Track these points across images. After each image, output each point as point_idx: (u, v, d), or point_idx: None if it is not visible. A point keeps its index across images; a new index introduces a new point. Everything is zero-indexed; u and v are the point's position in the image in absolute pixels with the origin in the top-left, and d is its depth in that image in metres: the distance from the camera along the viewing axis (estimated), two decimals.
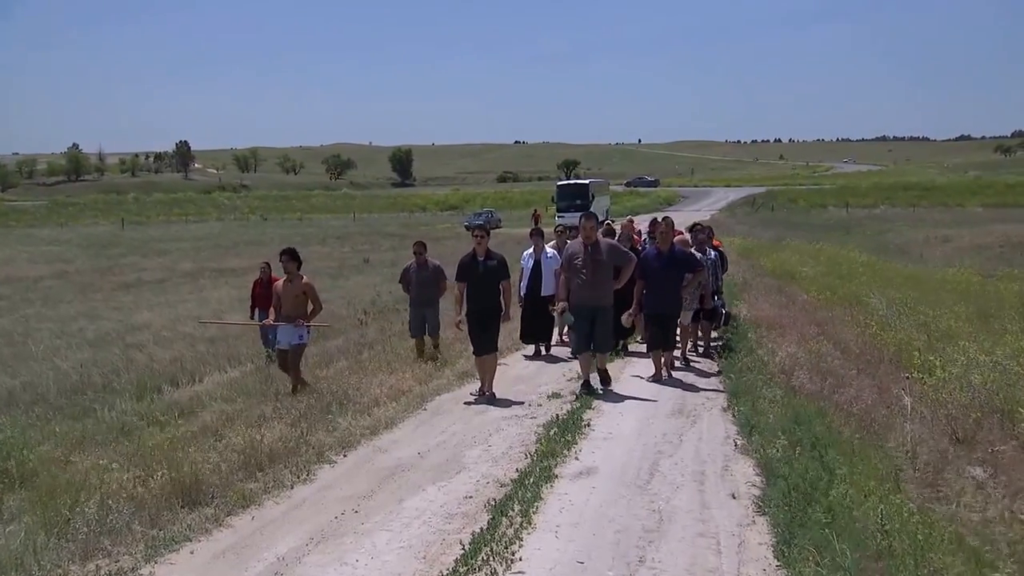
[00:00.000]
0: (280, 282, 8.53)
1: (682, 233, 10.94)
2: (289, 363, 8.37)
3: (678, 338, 9.42)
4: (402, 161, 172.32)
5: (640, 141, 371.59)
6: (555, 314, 10.09)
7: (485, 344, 7.87)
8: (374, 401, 7.59)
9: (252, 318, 11.65)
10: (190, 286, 23.48)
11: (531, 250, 10.25)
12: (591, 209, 39.01)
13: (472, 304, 7.91)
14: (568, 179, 62.95)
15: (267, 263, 11.61)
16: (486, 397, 7.79)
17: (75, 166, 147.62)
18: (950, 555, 3.83)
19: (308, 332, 8.54)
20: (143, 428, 6.45)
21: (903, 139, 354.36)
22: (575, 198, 41.15)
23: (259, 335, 11.54)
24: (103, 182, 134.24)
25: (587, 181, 46.45)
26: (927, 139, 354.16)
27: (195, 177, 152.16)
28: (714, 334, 10.51)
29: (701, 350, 10.08)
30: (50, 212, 73.76)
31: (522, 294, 10.08)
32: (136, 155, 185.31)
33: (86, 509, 4.62)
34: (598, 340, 7.92)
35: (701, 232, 10.34)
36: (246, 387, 9.08)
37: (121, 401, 8.74)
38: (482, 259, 7.87)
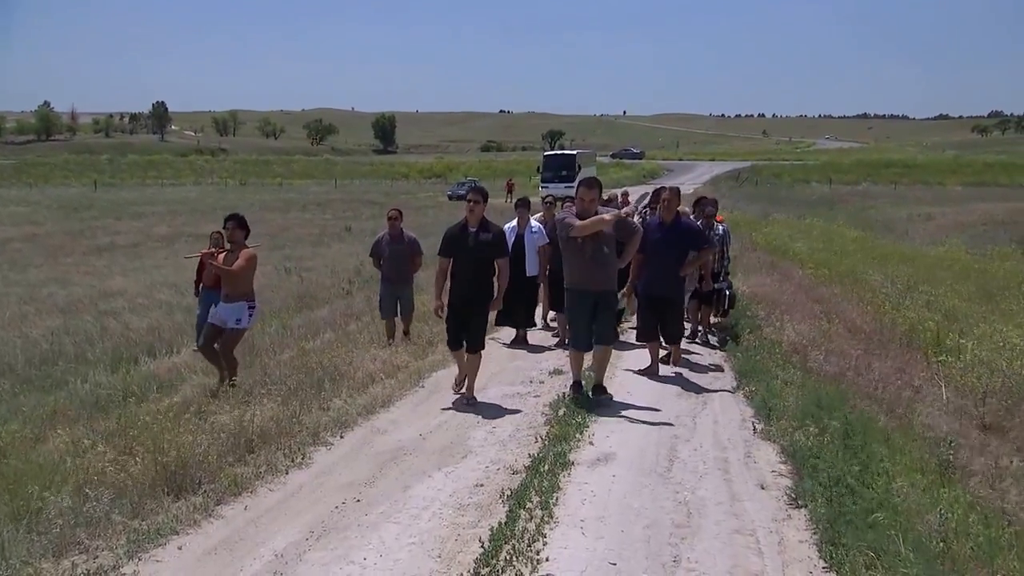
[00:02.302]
0: (224, 254, 7.39)
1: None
2: (222, 348, 7.13)
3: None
4: (385, 128, 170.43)
5: (624, 113, 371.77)
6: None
7: (470, 340, 6.48)
8: (369, 377, 7.14)
9: (197, 295, 10.35)
10: (166, 251, 22.74)
11: (514, 222, 9.00)
12: (577, 181, 38.46)
13: (457, 286, 6.46)
14: (554, 150, 62.26)
15: (219, 232, 10.56)
16: (466, 400, 6.50)
17: (46, 125, 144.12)
18: (1016, 560, 3.51)
19: (250, 316, 7.31)
20: (120, 403, 5.91)
21: (883, 117, 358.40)
22: (561, 168, 40.59)
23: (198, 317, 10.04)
24: (75, 142, 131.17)
25: (574, 152, 45.78)
26: (906, 117, 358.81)
27: (171, 139, 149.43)
28: (715, 319, 9.46)
29: (699, 338, 9.04)
30: (19, 172, 71.64)
31: None
32: (110, 115, 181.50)
33: (60, 497, 4.13)
34: (600, 331, 6.51)
35: (707, 205, 9.19)
36: None
37: (95, 372, 8.21)
38: (474, 230, 6.37)
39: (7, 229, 28.55)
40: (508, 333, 9.15)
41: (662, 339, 7.67)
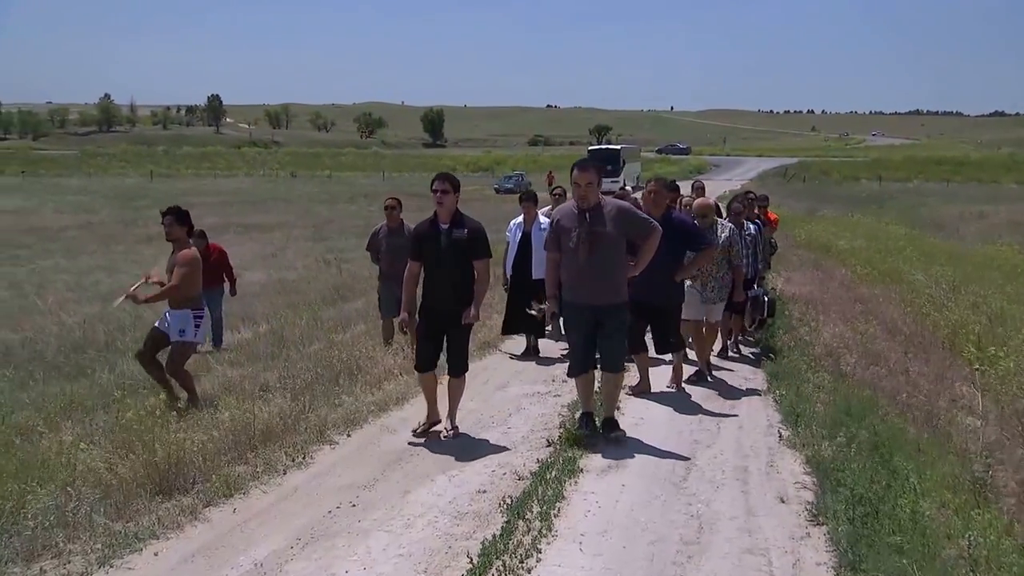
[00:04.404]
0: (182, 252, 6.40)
1: (690, 195, 9.17)
2: (170, 366, 6.24)
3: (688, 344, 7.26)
4: (433, 122, 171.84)
5: (672, 108, 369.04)
6: (537, 315, 7.43)
7: (451, 361, 5.47)
8: (386, 372, 7.00)
9: None
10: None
11: (520, 219, 8.12)
12: (621, 176, 38.11)
13: (430, 294, 5.42)
14: (599, 144, 62.13)
15: (203, 231, 9.63)
16: (447, 434, 5.47)
17: (107, 117, 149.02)
18: None
19: (197, 328, 6.36)
20: (123, 397, 5.82)
21: (936, 113, 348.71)
22: (606, 163, 40.17)
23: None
24: (134, 134, 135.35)
25: (618, 147, 45.91)
26: (960, 114, 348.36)
27: (226, 131, 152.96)
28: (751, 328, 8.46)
29: (730, 351, 8.07)
30: (80, 162, 73.78)
31: (507, 274, 8.17)
32: (168, 108, 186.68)
33: (41, 496, 3.96)
34: (604, 355, 5.40)
35: (737, 201, 8.26)
36: (256, 351, 8.59)
37: (123, 361, 8.24)
38: (446, 227, 5.34)
39: (65, 217, 29.33)
40: (516, 343, 8.33)
41: (655, 351, 6.74)
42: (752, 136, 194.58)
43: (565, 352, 7.74)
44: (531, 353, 8.05)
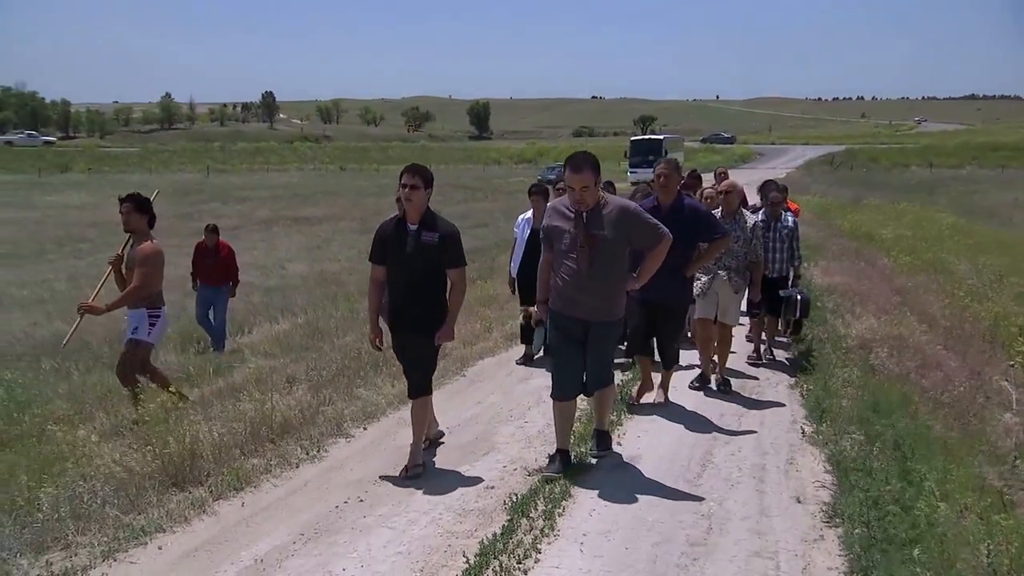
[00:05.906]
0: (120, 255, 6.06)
1: (697, 182, 8.76)
2: (119, 365, 5.77)
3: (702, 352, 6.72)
4: (480, 114, 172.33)
5: (718, 97, 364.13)
6: (523, 320, 7.13)
7: (410, 380, 4.77)
8: None
9: (195, 288, 9.79)
10: (262, 234, 23.50)
11: (528, 214, 7.42)
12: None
13: (393, 305, 4.71)
14: (643, 135, 61.94)
15: (215, 226, 9.92)
16: (407, 473, 4.62)
17: (168, 115, 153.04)
18: None
19: (151, 327, 5.84)
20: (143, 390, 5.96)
21: (993, 97, 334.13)
22: (648, 153, 40.03)
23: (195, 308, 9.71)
24: (193, 131, 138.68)
25: (661, 136, 45.99)
26: (1019, 97, 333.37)
27: (280, 127, 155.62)
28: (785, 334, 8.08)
29: (763, 358, 7.49)
30: (142, 159, 75.89)
31: (513, 275, 7.62)
32: (224, 105, 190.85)
33: (56, 487, 4.04)
34: (591, 373, 4.73)
35: (771, 189, 7.57)
36: (291, 342, 8.73)
37: (163, 352, 8.47)
38: (415, 228, 4.56)
39: None
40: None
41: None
42: (799, 124, 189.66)
43: None
44: (532, 360, 7.45)
